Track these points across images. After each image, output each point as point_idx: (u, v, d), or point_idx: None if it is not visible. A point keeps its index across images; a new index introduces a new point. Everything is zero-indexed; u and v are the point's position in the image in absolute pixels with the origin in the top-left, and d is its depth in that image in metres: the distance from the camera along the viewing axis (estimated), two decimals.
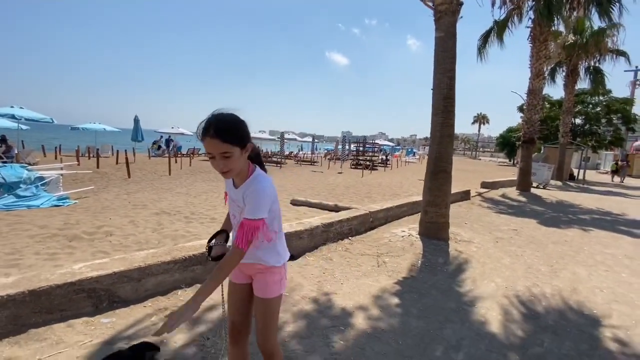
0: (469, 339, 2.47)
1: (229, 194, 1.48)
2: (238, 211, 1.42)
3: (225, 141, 1.23)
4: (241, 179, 1.39)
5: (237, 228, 1.35)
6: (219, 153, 1.24)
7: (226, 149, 1.23)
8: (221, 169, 1.27)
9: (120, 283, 2.54)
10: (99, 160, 14.21)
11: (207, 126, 1.24)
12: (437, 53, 4.68)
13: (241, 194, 1.37)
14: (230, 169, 1.28)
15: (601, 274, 4.06)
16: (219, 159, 1.25)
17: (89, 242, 4.83)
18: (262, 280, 1.50)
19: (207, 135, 1.23)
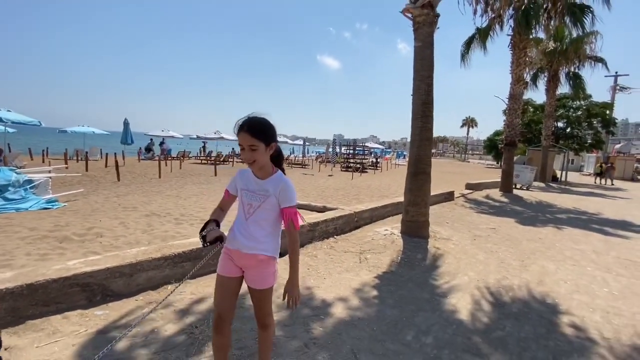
0: (438, 325, 2.70)
1: (246, 185, 1.68)
2: (259, 200, 1.64)
3: (254, 136, 1.53)
4: (265, 173, 1.66)
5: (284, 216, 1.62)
6: (248, 145, 1.54)
7: (254, 143, 1.53)
8: (248, 159, 1.57)
9: (113, 278, 2.69)
10: (88, 164, 14.15)
11: (242, 123, 1.56)
12: (416, 61, 4.95)
13: (269, 184, 1.63)
14: (255, 159, 1.57)
15: (568, 268, 4.35)
16: (248, 151, 1.55)
17: (80, 243, 4.92)
18: (259, 272, 1.67)
19: (242, 130, 1.54)
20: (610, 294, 3.55)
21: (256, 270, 1.67)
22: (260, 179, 1.66)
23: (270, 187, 1.63)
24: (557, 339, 2.61)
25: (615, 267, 4.48)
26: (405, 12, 4.95)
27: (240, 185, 1.71)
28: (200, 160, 22.57)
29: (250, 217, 1.65)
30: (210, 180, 13.36)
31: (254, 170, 1.67)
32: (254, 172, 1.68)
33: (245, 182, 1.70)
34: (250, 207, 1.66)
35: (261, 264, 1.66)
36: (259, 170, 1.66)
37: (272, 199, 1.63)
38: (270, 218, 1.66)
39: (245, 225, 1.66)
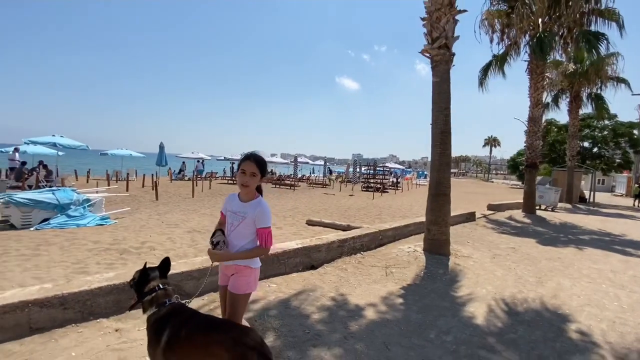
0: (457, 327, 3.12)
1: (231, 207, 2.03)
2: (238, 220, 1.97)
3: (257, 166, 1.96)
4: (249, 197, 2.01)
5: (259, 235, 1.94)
6: (250, 172, 1.94)
7: (255, 171, 1.95)
8: (246, 182, 1.94)
9: (186, 280, 3.31)
10: (128, 184, 15.34)
11: (250, 155, 2.01)
12: (434, 94, 5.53)
13: (248, 208, 1.96)
14: (250, 184, 1.95)
15: (583, 285, 4.62)
16: (248, 176, 1.94)
17: (137, 255, 5.65)
18: (237, 278, 1.98)
19: (248, 159, 1.97)
20: (620, 307, 3.83)
21: (235, 277, 1.99)
22: (243, 202, 2.00)
23: (249, 210, 1.95)
24: (564, 342, 2.97)
25: (630, 285, 4.70)
26: (424, 52, 5.59)
27: (227, 207, 2.08)
28: (227, 180, 23.71)
29: (232, 233, 2.00)
30: None
31: (242, 192, 2.02)
32: (240, 196, 2.04)
33: (230, 204, 2.06)
34: (232, 226, 2.00)
35: (240, 271, 1.98)
36: (245, 194, 2.01)
37: (248, 220, 1.94)
38: (247, 234, 1.97)
39: (229, 238, 2.01)
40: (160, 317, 1.74)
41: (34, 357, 2.24)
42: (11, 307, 2.34)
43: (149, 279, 1.87)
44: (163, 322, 1.71)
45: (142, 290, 1.84)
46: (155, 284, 1.85)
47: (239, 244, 1.98)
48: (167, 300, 1.80)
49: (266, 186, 22.58)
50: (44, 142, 14.18)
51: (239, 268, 1.98)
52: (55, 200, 7.73)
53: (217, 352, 1.58)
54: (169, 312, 1.75)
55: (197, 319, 1.76)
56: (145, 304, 1.81)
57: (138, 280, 1.89)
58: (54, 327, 2.53)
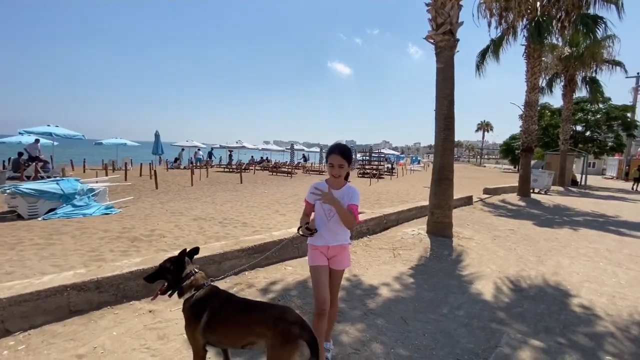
0: (467, 303, 3.32)
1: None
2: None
3: (344, 158, 2.10)
4: (339, 185, 2.19)
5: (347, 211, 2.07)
6: (338, 164, 2.10)
7: (343, 163, 2.10)
8: (335, 173, 2.11)
9: (208, 264, 3.45)
10: (127, 173, 15.27)
11: (335, 147, 2.13)
12: (438, 81, 5.61)
13: (342, 194, 2.15)
14: (340, 174, 2.12)
15: (581, 263, 4.87)
16: (337, 168, 2.10)
17: (148, 242, 5.75)
18: (343, 256, 2.22)
19: (335, 152, 2.10)
20: (618, 283, 4.07)
21: (341, 255, 2.22)
22: (336, 190, 2.17)
23: (343, 195, 2.15)
24: (567, 314, 3.19)
25: (626, 263, 4.96)
26: (428, 38, 5.63)
27: (318, 198, 2.16)
28: (223, 168, 23.67)
29: (332, 219, 2.15)
30: (238, 188, 14.21)
31: (333, 182, 2.17)
32: (330, 184, 2.18)
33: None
34: (330, 212, 2.16)
35: (344, 250, 2.23)
36: (336, 183, 2.17)
37: (345, 204, 2.12)
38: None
39: (327, 225, 2.16)
40: (199, 299, 1.80)
41: (77, 336, 2.37)
42: (52, 291, 2.44)
43: (184, 263, 1.94)
44: (202, 304, 1.77)
45: (180, 276, 1.88)
46: (192, 268, 1.92)
47: (341, 227, 2.15)
48: (205, 282, 1.87)
49: (263, 174, 22.64)
50: (39, 132, 13.98)
51: (345, 247, 2.22)
52: (60, 190, 7.74)
53: (260, 331, 1.66)
54: (207, 294, 1.82)
55: (234, 300, 1.84)
56: (184, 288, 1.85)
57: (175, 266, 1.93)
58: (91, 310, 2.66)
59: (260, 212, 8.71)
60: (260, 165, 26.78)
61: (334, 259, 2.22)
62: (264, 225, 7.30)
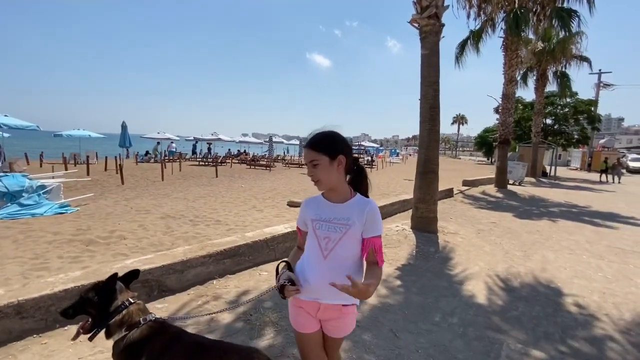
0: (460, 308, 3.04)
1: (319, 215, 1.37)
2: (339, 230, 1.32)
3: (314, 150, 1.30)
4: (339, 195, 1.36)
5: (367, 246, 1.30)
6: (309, 161, 1.32)
7: (313, 157, 1.30)
8: (311, 177, 1.33)
9: (168, 274, 2.96)
10: (89, 167, 14.16)
11: (305, 141, 1.39)
12: (423, 68, 5.29)
13: (349, 211, 1.32)
14: (318, 178, 1.30)
15: (566, 256, 4.76)
16: (310, 168, 1.33)
17: (106, 245, 5.13)
18: (341, 322, 1.40)
19: (304, 147, 1.36)
20: (605, 278, 3.96)
21: (337, 321, 1.39)
22: (337, 202, 1.36)
23: (352, 212, 1.32)
24: (564, 316, 2.98)
25: (607, 255, 4.91)
26: (413, 22, 5.29)
27: (311, 215, 1.39)
28: (198, 162, 22.65)
29: (330, 255, 1.32)
30: (213, 182, 13.51)
31: (324, 193, 1.40)
32: (327, 197, 1.39)
33: (316, 210, 1.38)
34: (328, 242, 1.32)
35: (345, 312, 1.37)
36: (331, 193, 1.37)
37: (355, 227, 1.30)
38: (355, 253, 1.34)
39: (322, 265, 1.33)
40: (133, 342, 1.32)
41: None
42: None
43: (115, 293, 1.40)
44: (137, 349, 1.30)
45: (107, 310, 1.37)
46: (125, 298, 1.41)
47: (345, 266, 1.33)
48: (141, 319, 1.37)
49: (241, 167, 21.84)
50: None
51: (347, 310, 1.38)
52: (4, 188, 6.88)
53: None
54: (145, 334, 1.34)
55: (184, 341, 1.35)
56: (112, 326, 1.35)
57: (100, 296, 1.39)
58: (10, 341, 2.13)
59: (235, 209, 8.19)
60: (238, 158, 25.92)
61: (330, 324, 1.41)
62: (239, 222, 6.81)
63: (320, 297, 1.34)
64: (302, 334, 1.41)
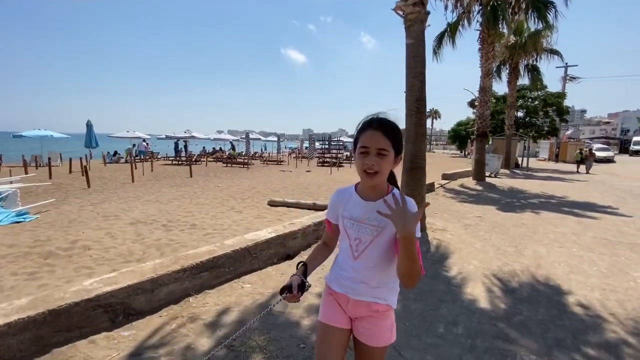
0: (463, 315, 2.83)
1: (350, 212, 1.27)
2: (371, 232, 1.23)
3: (388, 137, 1.16)
4: (378, 192, 1.25)
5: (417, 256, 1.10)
6: (377, 148, 1.15)
7: (385, 146, 1.15)
8: (371, 166, 1.15)
9: (135, 295, 2.55)
10: (51, 170, 13.10)
11: (371, 120, 1.20)
12: (409, 58, 5.06)
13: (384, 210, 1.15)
14: (380, 170, 1.16)
15: (556, 250, 4.70)
16: (374, 156, 1.16)
17: (67, 258, 4.59)
18: (372, 324, 1.28)
19: (370, 128, 1.17)
20: (600, 272, 3.89)
21: (369, 322, 1.28)
22: (371, 201, 1.24)
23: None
24: (570, 319, 2.83)
25: (596, 247, 4.90)
26: (397, 9, 5.03)
27: (342, 212, 1.30)
28: (171, 161, 21.66)
29: (360, 256, 1.26)
30: (187, 182, 12.86)
31: (367, 187, 1.25)
32: (361, 192, 1.28)
33: (347, 206, 1.29)
34: (359, 243, 1.25)
35: (376, 314, 1.28)
36: (371, 188, 1.24)
37: (389, 230, 1.21)
38: (388, 254, 1.24)
39: (353, 265, 1.28)
40: None
41: None
42: None
43: None
44: None
45: None
46: None
47: (377, 274, 1.24)
48: None
49: (217, 165, 21.05)
50: None
51: (378, 309, 1.26)
52: None
53: None
54: None
55: None
56: None
57: None
58: None
59: (212, 210, 7.71)
60: (213, 157, 25.04)
61: (361, 326, 1.30)
62: (216, 226, 6.37)
63: (350, 291, 1.28)
64: (325, 325, 1.33)
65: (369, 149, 1.16)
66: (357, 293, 1.27)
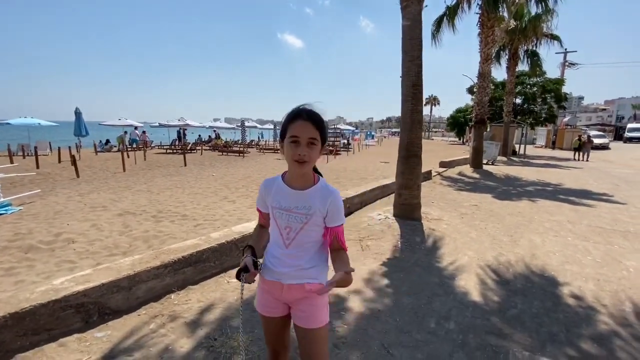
0: (455, 309, 2.73)
1: (279, 202, 1.32)
2: (300, 220, 1.29)
3: (317, 128, 1.22)
4: (305, 181, 1.31)
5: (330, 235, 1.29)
6: (308, 138, 1.21)
7: (315, 135, 1.22)
8: (302, 156, 1.21)
9: (110, 294, 2.41)
10: (38, 160, 12.83)
11: (300, 111, 1.24)
12: (405, 41, 4.83)
13: (311, 200, 1.28)
14: (310, 159, 1.23)
15: (552, 239, 4.61)
16: (304, 145, 1.21)
17: (49, 252, 4.45)
18: (309, 305, 1.33)
19: (300, 119, 1.22)
20: (594, 262, 3.81)
21: (305, 303, 1.33)
22: (299, 190, 1.29)
23: (315, 201, 1.27)
24: (565, 311, 2.74)
25: (591, 236, 4.82)
26: None
27: (271, 202, 1.34)
28: (165, 150, 21.35)
29: (292, 244, 1.31)
30: (181, 172, 12.65)
31: (295, 174, 1.29)
32: (289, 181, 1.32)
33: (276, 196, 1.33)
34: (289, 231, 1.30)
35: (310, 294, 1.31)
36: (300, 177, 1.30)
37: (317, 217, 1.28)
38: (317, 239, 1.33)
39: (285, 252, 1.32)
40: None
41: None
42: None
43: None
44: None
45: None
46: None
47: (307, 256, 1.32)
48: None
49: (212, 154, 20.76)
50: None
51: (311, 288, 1.29)
52: None
53: None
54: None
55: None
56: None
57: None
58: None
59: (205, 200, 7.56)
60: (209, 145, 24.70)
61: (298, 310, 1.34)
62: (208, 217, 6.23)
63: (284, 277, 1.32)
64: (265, 317, 1.42)
65: (299, 138, 1.21)
66: (291, 277, 1.31)
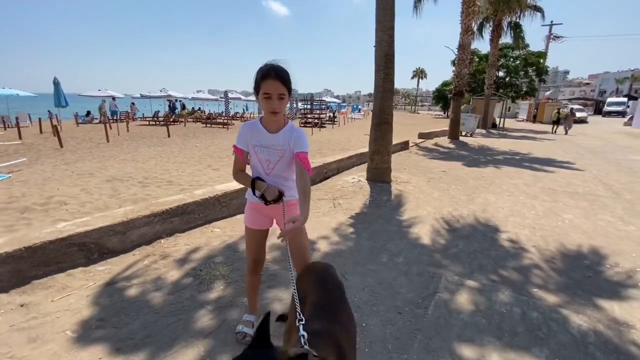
0: (406, 249, 3.23)
1: (259, 141, 1.66)
2: (277, 155, 1.65)
3: (284, 84, 1.51)
4: (278, 125, 1.66)
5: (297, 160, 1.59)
6: (278, 94, 1.51)
7: (283, 92, 1.52)
8: (274, 108, 1.53)
9: (108, 236, 2.79)
10: (20, 131, 12.64)
11: (269, 69, 1.50)
12: (378, 11, 5.05)
13: (282, 139, 1.64)
14: (281, 109, 1.56)
15: (505, 198, 5.18)
16: (275, 99, 1.52)
17: (44, 212, 4.73)
18: (289, 214, 1.69)
19: (269, 77, 1.49)
20: (536, 215, 4.38)
21: (289, 212, 1.71)
22: (273, 133, 1.65)
23: (285, 140, 1.64)
24: (497, 250, 3.29)
25: (540, 195, 5.41)
26: None
27: (252, 142, 1.68)
28: (148, 121, 21.04)
29: (272, 172, 1.68)
30: (165, 142, 12.72)
31: (270, 122, 1.65)
32: (266, 125, 1.66)
33: (256, 137, 1.67)
34: (269, 163, 1.67)
35: (292, 208, 1.73)
36: (274, 123, 1.65)
37: (289, 152, 1.65)
38: (291, 166, 1.70)
39: (266, 179, 1.68)
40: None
41: None
42: None
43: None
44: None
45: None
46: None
47: (286, 181, 1.73)
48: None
49: (196, 126, 20.62)
50: None
51: (292, 203, 1.74)
52: None
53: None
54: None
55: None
56: None
57: None
58: None
59: (189, 168, 7.83)
60: (192, 117, 24.40)
61: (279, 220, 1.76)
62: (193, 182, 6.54)
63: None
64: (252, 230, 1.83)
65: (271, 94, 1.52)
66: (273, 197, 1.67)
